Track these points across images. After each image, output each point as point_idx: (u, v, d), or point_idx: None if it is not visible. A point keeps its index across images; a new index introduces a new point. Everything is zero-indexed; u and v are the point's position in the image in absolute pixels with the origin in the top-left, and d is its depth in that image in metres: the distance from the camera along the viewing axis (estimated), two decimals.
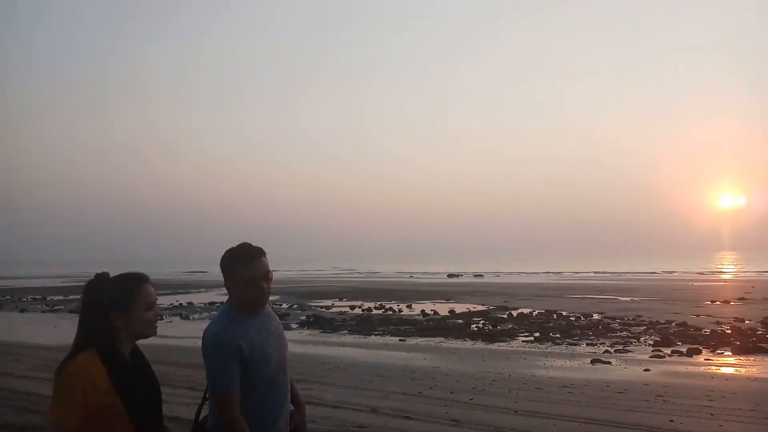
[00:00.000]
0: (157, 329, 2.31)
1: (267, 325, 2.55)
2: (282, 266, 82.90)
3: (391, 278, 51.24)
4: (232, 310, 2.50)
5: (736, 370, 11.08)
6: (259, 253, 2.51)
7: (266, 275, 2.50)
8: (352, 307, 24.57)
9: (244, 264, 2.46)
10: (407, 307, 24.79)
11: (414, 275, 59.10)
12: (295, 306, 25.60)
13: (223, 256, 2.52)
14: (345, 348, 13.93)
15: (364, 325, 18.45)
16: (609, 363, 11.71)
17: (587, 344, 14.61)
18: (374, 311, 22.87)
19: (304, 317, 20.80)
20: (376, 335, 16.45)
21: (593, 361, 11.88)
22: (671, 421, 6.61)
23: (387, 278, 52.14)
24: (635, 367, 11.27)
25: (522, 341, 15.31)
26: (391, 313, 22.51)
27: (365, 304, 25.89)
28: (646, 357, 12.58)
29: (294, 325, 18.54)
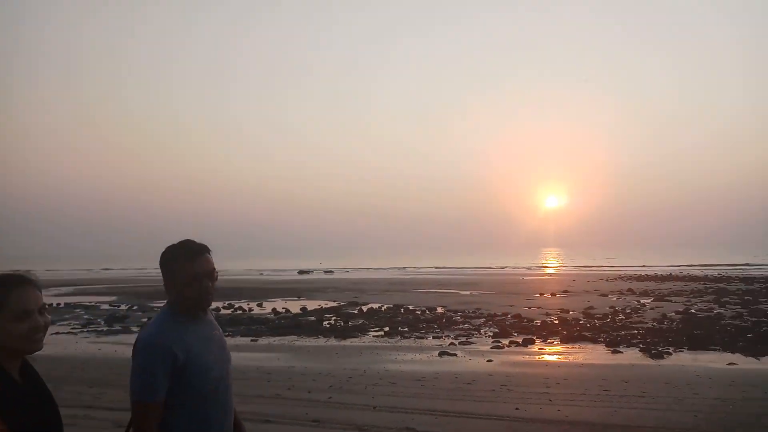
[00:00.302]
0: (41, 343, 1.82)
1: (208, 333, 2.32)
2: (117, 264, 77.50)
3: (240, 276, 49.86)
4: (171, 313, 2.26)
5: (565, 358, 12.23)
6: (204, 249, 2.30)
7: (211, 274, 2.29)
8: None
9: (187, 260, 2.23)
10: (258, 305, 24.31)
11: (264, 272, 58.09)
12: (134, 307, 24.01)
13: (164, 253, 2.28)
14: None
15: None
16: (455, 355, 12.36)
17: (434, 337, 15.30)
18: (223, 311, 22.11)
19: (145, 319, 19.59)
20: (226, 336, 15.74)
21: (441, 354, 12.47)
22: (516, 408, 7.14)
23: (235, 276, 50.63)
24: (479, 358, 12.01)
25: (373, 336, 15.67)
26: (241, 312, 21.93)
27: (213, 304, 24.94)
28: (487, 348, 13.45)
29: (134, 328, 17.41)
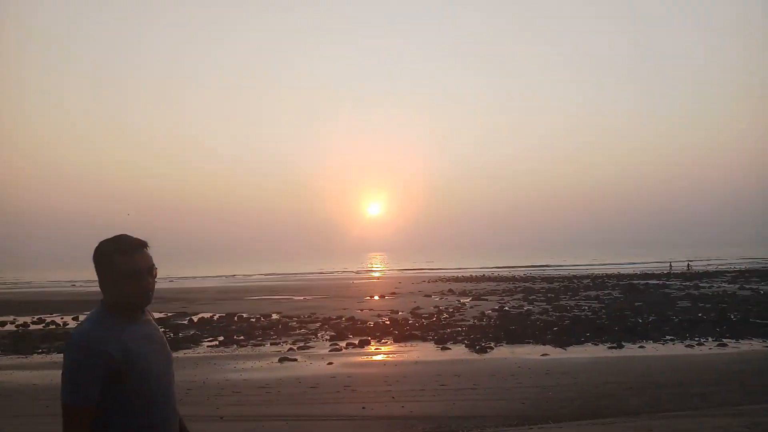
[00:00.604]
0: None
1: (147, 332, 2.16)
2: None
3: (48, 288, 45.18)
4: (106, 311, 2.09)
5: (400, 356, 12.80)
6: (142, 244, 2.17)
7: (151, 269, 2.15)
8: (2, 324, 20.97)
9: (126, 256, 2.09)
10: (73, 319, 22.20)
11: (76, 284, 53.07)
12: None
13: (99, 248, 2.12)
14: (0, 372, 11.89)
15: (21, 343, 15.92)
16: (295, 360, 12.40)
17: (271, 344, 15.17)
18: (33, 326, 19.92)
19: None
20: (39, 354, 14.37)
21: (281, 360, 12.42)
22: (363, 408, 7.39)
23: (42, 288, 45.80)
24: (319, 361, 12.15)
25: (207, 346, 15.13)
26: (54, 327, 19.87)
27: (19, 318, 22.33)
28: (326, 351, 13.64)
29: None
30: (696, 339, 13.72)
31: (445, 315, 20.28)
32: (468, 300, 26.17)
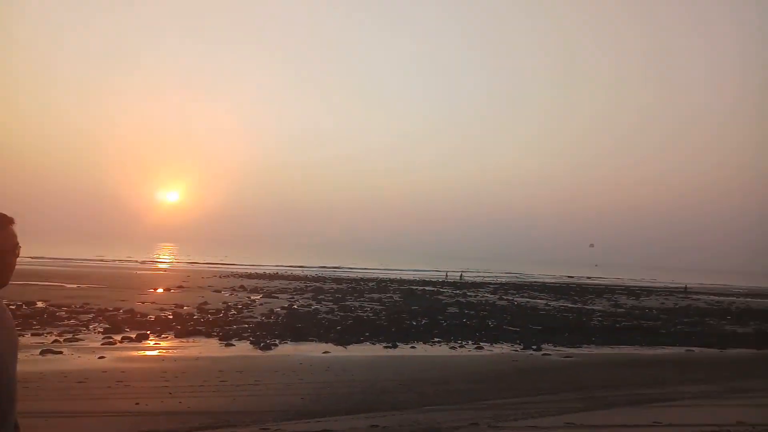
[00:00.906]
0: None
1: None
2: None
3: None
4: None
5: (181, 352, 12.38)
6: (9, 221, 1.90)
7: (14, 248, 1.90)
8: None
9: None
10: None
11: None
12: None
13: None
14: None
15: None
16: (61, 353, 11.38)
17: (33, 334, 13.70)
18: None
19: None
20: None
21: (43, 352, 11.31)
22: (137, 404, 7.07)
23: None
24: (89, 355, 11.28)
25: None
26: None
27: None
28: (98, 344, 12.70)
29: None
30: (459, 342, 15.27)
31: (233, 311, 20.00)
32: (259, 297, 26.08)
